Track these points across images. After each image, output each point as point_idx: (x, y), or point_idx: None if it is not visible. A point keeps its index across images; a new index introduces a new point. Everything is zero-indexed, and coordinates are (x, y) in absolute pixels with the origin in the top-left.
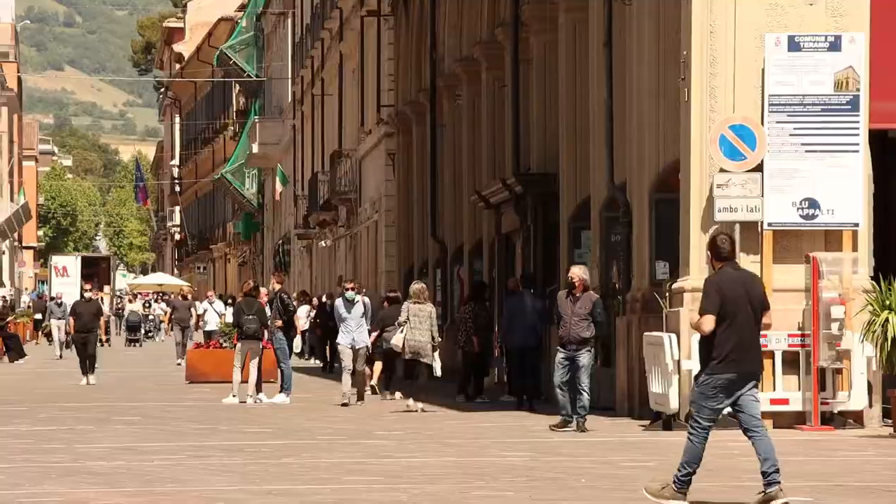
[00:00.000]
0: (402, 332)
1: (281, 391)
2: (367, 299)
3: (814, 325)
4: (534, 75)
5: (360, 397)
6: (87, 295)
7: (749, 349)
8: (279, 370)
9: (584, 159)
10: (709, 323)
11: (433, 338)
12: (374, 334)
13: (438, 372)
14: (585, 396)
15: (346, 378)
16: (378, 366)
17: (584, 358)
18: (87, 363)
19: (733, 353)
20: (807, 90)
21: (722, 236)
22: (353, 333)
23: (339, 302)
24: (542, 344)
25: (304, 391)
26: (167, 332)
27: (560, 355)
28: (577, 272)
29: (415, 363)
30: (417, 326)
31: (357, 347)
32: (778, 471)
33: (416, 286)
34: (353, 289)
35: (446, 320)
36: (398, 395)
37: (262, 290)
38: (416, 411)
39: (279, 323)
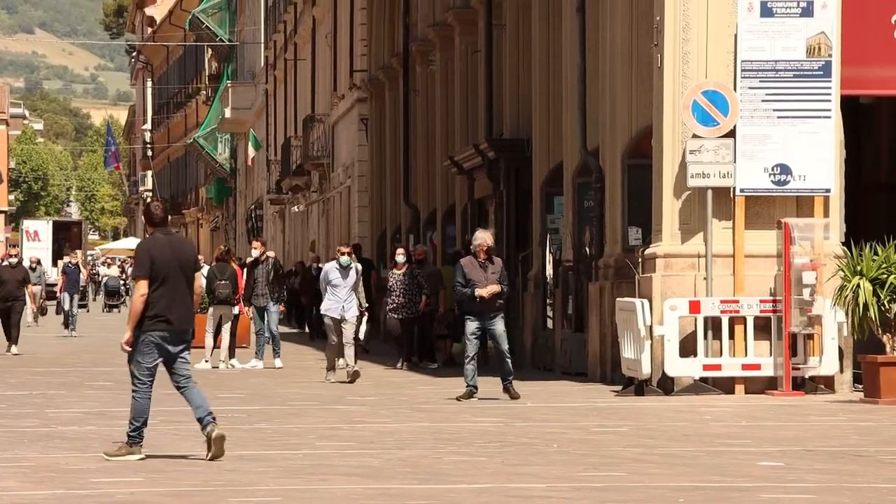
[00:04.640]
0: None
1: (255, 357)
2: (359, 266)
3: (785, 291)
4: (507, 40)
5: (332, 367)
6: (12, 261)
7: (179, 309)
8: (254, 335)
9: (557, 125)
10: (142, 287)
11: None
12: None
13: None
14: (508, 362)
15: (349, 350)
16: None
17: (500, 325)
18: (12, 333)
19: (164, 312)
20: (779, 56)
21: (155, 203)
22: (343, 303)
23: (331, 266)
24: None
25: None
26: None
27: (472, 325)
28: (488, 238)
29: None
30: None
31: (346, 318)
32: (210, 414)
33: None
34: (347, 253)
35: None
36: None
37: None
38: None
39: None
